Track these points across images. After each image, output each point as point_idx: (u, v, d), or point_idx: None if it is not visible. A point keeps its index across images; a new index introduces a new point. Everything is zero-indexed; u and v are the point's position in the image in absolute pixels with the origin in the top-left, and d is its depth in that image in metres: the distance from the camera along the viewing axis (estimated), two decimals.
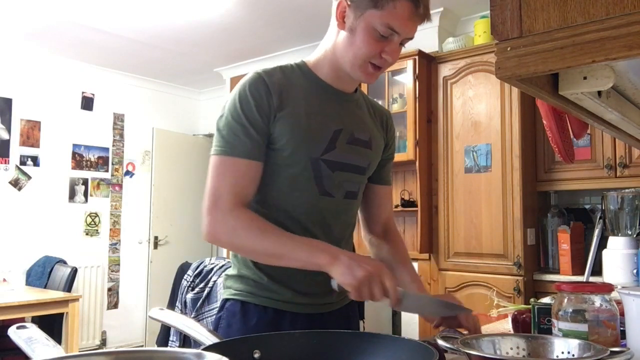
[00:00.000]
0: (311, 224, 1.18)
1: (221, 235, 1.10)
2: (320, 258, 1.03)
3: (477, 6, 3.63)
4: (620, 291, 0.93)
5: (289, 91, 1.15)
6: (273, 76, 1.15)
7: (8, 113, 4.52)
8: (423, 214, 3.44)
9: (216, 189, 1.10)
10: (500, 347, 0.89)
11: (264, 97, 1.12)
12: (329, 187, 1.18)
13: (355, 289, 0.98)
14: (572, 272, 2.95)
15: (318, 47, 1.23)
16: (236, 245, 1.13)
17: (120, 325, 5.12)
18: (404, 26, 1.09)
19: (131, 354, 0.71)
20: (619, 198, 2.26)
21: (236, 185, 1.10)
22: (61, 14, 3.80)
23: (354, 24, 1.11)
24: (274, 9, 3.68)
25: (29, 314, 3.59)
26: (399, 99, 3.69)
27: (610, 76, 0.84)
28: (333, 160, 1.18)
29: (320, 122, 1.17)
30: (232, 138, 1.11)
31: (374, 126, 1.29)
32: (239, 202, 1.10)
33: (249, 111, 1.11)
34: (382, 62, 1.14)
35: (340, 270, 1.00)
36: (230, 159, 1.11)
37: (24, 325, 0.86)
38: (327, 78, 1.21)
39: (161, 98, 5.62)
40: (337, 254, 1.03)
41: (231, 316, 1.19)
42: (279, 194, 1.17)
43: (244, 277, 1.20)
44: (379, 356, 0.88)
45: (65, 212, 4.83)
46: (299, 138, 1.14)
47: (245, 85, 1.14)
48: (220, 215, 1.09)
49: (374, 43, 1.10)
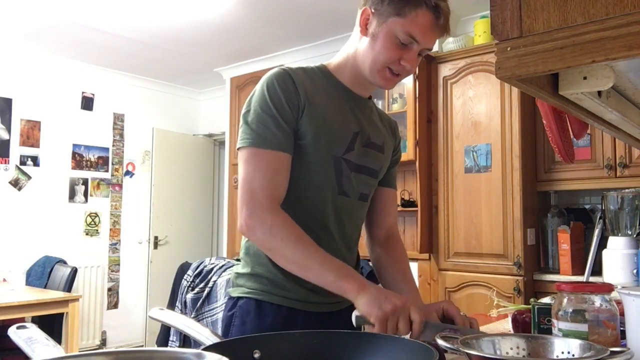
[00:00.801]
0: (329, 221, 1.20)
1: (258, 231, 1.10)
2: (349, 284, 1.04)
3: (477, 6, 3.63)
4: (620, 291, 0.93)
5: (312, 90, 1.18)
6: (297, 73, 1.18)
7: (8, 113, 4.52)
8: (423, 214, 3.44)
9: (251, 182, 1.11)
10: (500, 347, 0.89)
11: (293, 90, 1.14)
12: (347, 187, 1.21)
13: (381, 321, 0.97)
14: (572, 272, 2.95)
15: (339, 52, 1.27)
16: (267, 245, 1.12)
17: (120, 325, 5.12)
18: (423, 35, 1.13)
19: (131, 354, 0.71)
20: (619, 198, 2.26)
21: (271, 180, 1.11)
22: (61, 14, 3.80)
23: (376, 31, 1.15)
24: (274, 9, 3.68)
25: (29, 314, 3.59)
26: (399, 99, 3.69)
27: (610, 76, 0.84)
28: (352, 161, 1.21)
29: (342, 122, 1.20)
30: (263, 130, 1.12)
31: (385, 133, 1.33)
32: (275, 198, 1.11)
33: (278, 103, 1.13)
34: (400, 69, 1.17)
35: (366, 299, 1.00)
36: (262, 151, 1.12)
37: (24, 325, 0.86)
38: (346, 82, 1.24)
39: (161, 98, 5.62)
40: (365, 284, 1.03)
41: (245, 314, 1.19)
42: (301, 190, 1.18)
43: (257, 275, 1.20)
44: (379, 356, 0.88)
45: (65, 212, 4.83)
46: (324, 135, 1.16)
47: (272, 78, 1.15)
48: (258, 210, 1.10)
49: (394, 49, 1.14)
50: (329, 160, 1.17)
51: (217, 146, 5.88)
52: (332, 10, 3.60)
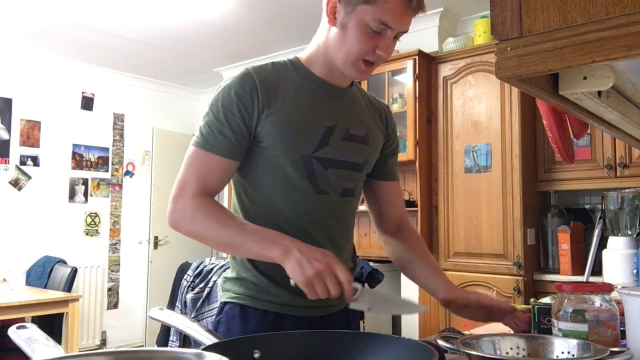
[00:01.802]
0: (308, 224, 1.15)
1: (180, 221, 1.10)
2: (272, 251, 1.00)
3: (477, 6, 3.62)
4: (620, 291, 0.93)
5: (279, 87, 1.13)
6: (262, 72, 1.13)
7: (8, 113, 4.52)
8: (423, 214, 3.44)
9: (183, 178, 1.11)
10: (500, 347, 0.89)
11: (248, 95, 1.10)
12: (324, 185, 1.15)
13: (307, 286, 0.94)
14: (572, 272, 2.95)
15: (311, 42, 1.21)
16: (193, 233, 1.10)
17: (120, 325, 5.12)
18: (397, 20, 1.05)
19: (131, 354, 0.71)
20: (619, 198, 2.26)
21: (201, 177, 1.10)
22: (61, 14, 3.80)
23: (345, 20, 1.08)
24: (274, 9, 3.68)
25: (29, 314, 3.59)
26: (399, 99, 3.69)
27: (610, 76, 0.84)
28: (326, 157, 1.15)
29: (312, 118, 1.14)
30: (207, 132, 1.12)
31: (372, 121, 1.26)
32: (202, 191, 1.10)
33: (228, 108, 1.10)
34: (376, 58, 1.10)
35: (291, 266, 0.97)
36: (202, 152, 1.12)
37: (24, 325, 0.86)
38: (320, 73, 1.18)
39: (161, 98, 5.62)
40: (289, 248, 0.99)
41: (230, 320, 1.17)
42: (274, 193, 1.15)
43: (243, 279, 1.18)
44: (379, 356, 0.88)
45: (65, 212, 4.83)
46: (288, 136, 1.11)
47: (231, 82, 1.12)
48: (182, 203, 1.09)
49: (366, 39, 1.07)
50: (297, 161, 1.12)
51: None
52: None
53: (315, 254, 0.98)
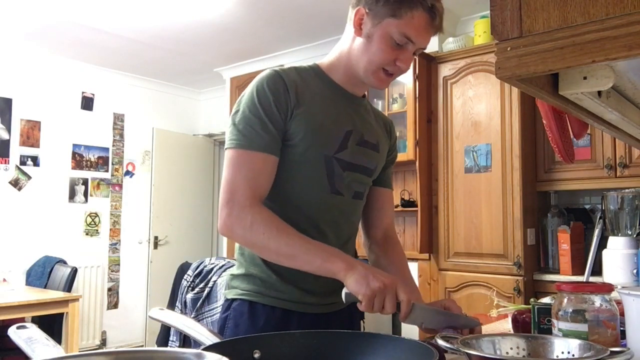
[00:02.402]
0: (322, 222, 1.19)
1: (237, 229, 1.10)
2: (336, 264, 1.03)
3: (477, 6, 3.62)
4: (620, 291, 0.93)
5: (304, 90, 1.18)
6: (289, 74, 1.18)
7: (8, 113, 4.52)
8: (423, 214, 3.44)
9: (232, 183, 1.11)
10: (500, 347, 0.89)
11: (282, 92, 1.14)
12: (340, 186, 1.20)
13: (369, 299, 0.97)
14: (572, 272, 2.95)
15: (332, 51, 1.27)
16: (250, 241, 1.12)
17: (120, 325, 5.12)
18: (419, 36, 1.13)
19: (131, 354, 0.71)
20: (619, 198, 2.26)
21: (253, 180, 1.11)
22: (61, 14, 3.80)
23: (371, 31, 1.14)
24: (274, 9, 3.68)
25: (29, 314, 3.59)
26: (399, 99, 3.69)
27: (610, 76, 0.84)
28: (345, 159, 1.20)
29: (334, 121, 1.20)
30: (249, 132, 1.12)
31: (380, 132, 1.33)
32: (256, 197, 1.11)
33: (267, 105, 1.13)
34: (395, 70, 1.17)
35: (354, 278, 0.99)
36: (247, 153, 1.12)
37: (24, 325, 0.86)
38: (340, 81, 1.24)
39: (161, 98, 5.62)
40: (353, 263, 1.03)
41: (239, 316, 1.19)
42: (292, 190, 1.18)
43: (251, 275, 1.20)
44: (379, 356, 0.88)
45: (65, 212, 4.83)
46: (314, 135, 1.16)
47: (262, 80, 1.15)
48: (237, 210, 1.09)
49: (389, 50, 1.14)
50: (320, 160, 1.17)
51: (217, 146, 5.88)
52: (332, 10, 3.60)
53: (380, 272, 1.03)
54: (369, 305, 0.97)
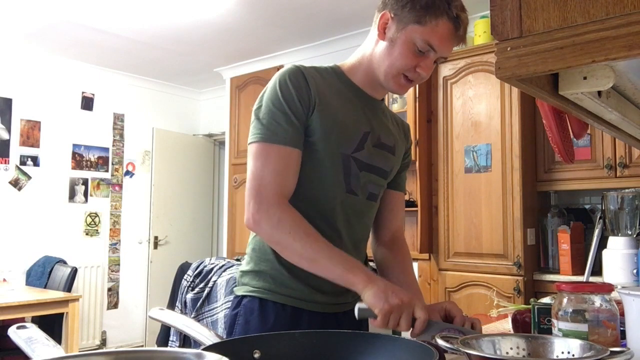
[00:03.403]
0: (337, 220, 1.20)
1: (264, 225, 1.10)
2: (357, 276, 1.03)
3: (477, 6, 3.62)
4: (620, 291, 0.93)
5: (324, 88, 1.18)
6: (310, 71, 1.19)
7: (8, 113, 4.52)
8: (423, 214, 3.44)
9: (260, 177, 1.11)
10: (500, 347, 0.89)
11: (304, 87, 1.15)
12: (355, 185, 1.21)
13: (385, 314, 0.97)
14: (572, 272, 2.95)
15: (354, 53, 1.27)
16: (275, 239, 1.12)
17: (120, 325, 5.12)
18: (442, 45, 1.14)
19: (131, 354, 0.71)
20: (619, 198, 2.26)
21: (279, 174, 1.11)
22: (61, 14, 3.80)
23: (394, 36, 1.15)
24: (274, 9, 3.68)
25: (29, 314, 3.59)
26: (399, 99, 3.69)
27: (610, 76, 0.84)
28: (361, 160, 1.21)
29: (352, 121, 1.20)
30: (274, 125, 1.12)
31: (397, 135, 1.34)
32: (284, 194, 1.12)
33: (290, 99, 1.13)
34: (415, 76, 1.18)
35: (373, 292, 0.99)
36: (272, 146, 1.12)
37: (24, 325, 0.86)
38: (359, 83, 1.24)
39: (161, 98, 5.62)
40: (373, 277, 1.03)
41: (249, 313, 1.19)
42: (308, 186, 1.18)
43: (262, 272, 1.20)
44: (379, 356, 0.88)
45: (65, 212, 4.83)
46: (333, 133, 1.16)
47: (285, 74, 1.16)
48: (265, 205, 1.10)
49: (411, 56, 1.14)
50: (337, 158, 1.17)
51: (217, 146, 5.88)
52: (332, 10, 3.60)
53: (400, 289, 1.03)
54: (384, 321, 0.97)
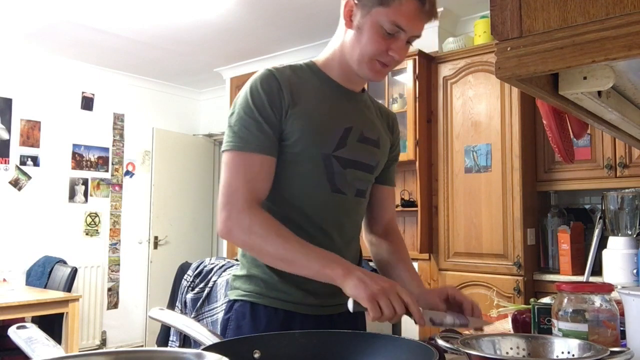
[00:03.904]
0: (325, 222, 1.18)
1: (235, 232, 1.09)
2: (334, 270, 1.01)
3: (477, 6, 3.63)
4: (620, 291, 0.93)
5: (299, 88, 1.16)
6: (284, 73, 1.17)
7: (8, 113, 4.52)
8: (423, 214, 3.44)
9: (230, 185, 1.10)
10: (500, 347, 0.89)
11: (276, 92, 1.13)
12: (341, 184, 1.19)
13: (371, 301, 0.94)
14: (572, 272, 2.95)
15: (327, 47, 1.25)
16: (248, 244, 1.11)
17: (120, 325, 5.12)
18: (410, 23, 1.10)
19: (131, 354, 0.71)
20: (619, 198, 2.26)
21: (251, 182, 1.10)
22: (61, 14, 3.80)
23: (361, 22, 1.12)
24: (274, 9, 3.68)
25: (29, 314, 3.59)
26: (399, 99, 3.69)
27: (610, 76, 0.84)
28: (344, 157, 1.19)
29: (331, 119, 1.18)
30: (245, 133, 1.11)
31: (381, 127, 1.31)
32: (254, 200, 1.10)
33: (261, 106, 1.12)
34: (389, 60, 1.14)
35: (353, 283, 0.97)
36: (243, 154, 1.11)
37: (24, 325, 0.86)
38: (336, 77, 1.22)
39: (161, 98, 5.62)
40: (351, 268, 1.01)
41: (241, 318, 1.18)
42: (292, 191, 1.17)
43: (253, 276, 1.19)
44: (379, 356, 0.88)
45: (65, 212, 4.83)
46: (311, 134, 1.15)
47: (256, 81, 1.15)
48: (235, 212, 1.08)
49: (380, 40, 1.11)
50: (318, 159, 1.16)
51: (217, 146, 5.88)
52: (332, 10, 3.59)
53: (379, 277, 1.01)
54: (374, 308, 0.94)
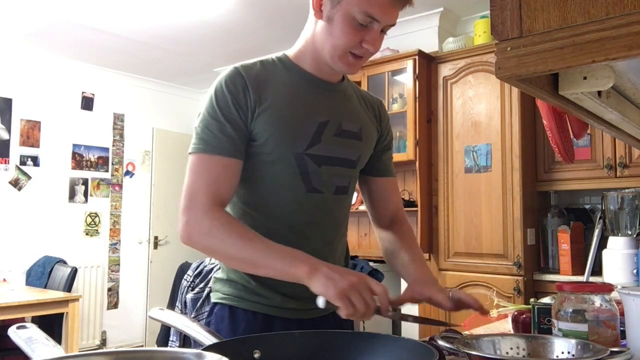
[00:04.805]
0: (302, 224, 1.14)
1: (195, 236, 1.04)
2: (298, 268, 0.95)
3: (477, 6, 3.62)
4: (620, 291, 0.93)
5: (268, 85, 1.11)
6: (251, 70, 1.12)
7: (8, 113, 4.52)
8: (423, 214, 3.44)
9: (191, 189, 1.05)
10: (500, 347, 0.89)
11: (241, 91, 1.08)
12: (317, 183, 1.13)
13: (341, 298, 0.89)
14: (572, 272, 2.95)
15: (299, 38, 1.19)
16: (210, 249, 1.06)
17: (120, 325, 5.12)
18: (383, 13, 1.03)
19: (131, 354, 0.71)
20: (619, 198, 2.26)
21: (212, 185, 1.05)
22: (61, 14, 3.79)
23: (331, 13, 1.05)
24: (274, 9, 3.68)
25: (29, 314, 3.59)
26: (399, 99, 3.69)
27: (610, 76, 0.84)
28: (319, 154, 1.13)
29: (303, 115, 1.12)
30: (208, 135, 1.07)
31: (365, 116, 1.24)
32: (216, 202, 1.04)
33: (225, 107, 1.07)
34: (363, 52, 1.08)
35: (320, 281, 0.92)
36: (205, 157, 1.06)
37: (24, 325, 0.86)
38: (310, 69, 1.16)
39: (161, 98, 5.62)
40: (316, 265, 0.95)
41: (219, 321, 1.14)
42: (265, 193, 1.12)
43: (232, 280, 1.16)
44: (379, 356, 0.88)
45: (65, 212, 4.83)
46: (280, 133, 1.09)
47: (221, 80, 1.10)
48: (194, 216, 1.03)
49: (353, 32, 1.05)
50: (289, 159, 1.10)
51: None
52: None
53: (345, 270, 0.97)
54: (345, 305, 0.89)
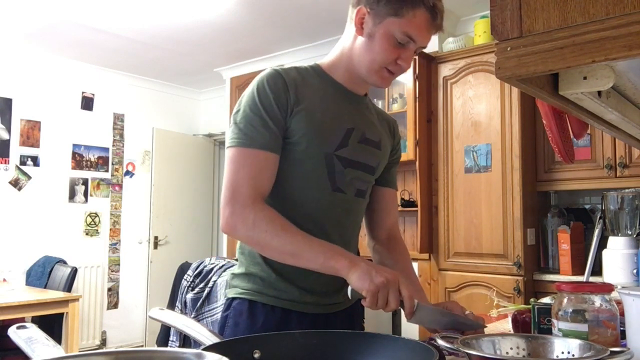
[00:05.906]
0: (325, 220, 1.20)
1: (240, 228, 1.10)
2: (338, 262, 1.04)
3: (477, 6, 3.62)
4: (620, 291, 0.93)
5: (304, 89, 1.18)
6: (289, 73, 1.19)
7: (8, 113, 4.52)
8: (423, 214, 3.44)
9: (235, 181, 1.11)
10: (500, 347, 0.89)
11: (282, 91, 1.15)
12: (341, 183, 1.20)
13: (372, 294, 0.98)
14: (572, 272, 2.95)
15: (332, 50, 1.27)
16: (254, 240, 1.12)
17: (120, 325, 5.12)
18: (420, 35, 1.14)
19: (131, 354, 0.71)
20: (619, 198, 2.26)
21: (255, 178, 1.11)
22: (61, 14, 3.80)
23: (372, 30, 1.15)
24: (274, 9, 3.68)
25: (29, 314, 3.59)
26: (399, 99, 3.69)
27: (610, 76, 0.84)
28: (345, 157, 1.20)
29: (333, 119, 1.20)
30: (250, 130, 1.13)
31: (382, 130, 1.33)
32: (258, 195, 1.11)
33: (267, 104, 1.13)
34: (396, 69, 1.18)
35: (357, 274, 1.00)
36: (248, 151, 1.12)
37: (24, 325, 0.86)
38: (341, 80, 1.25)
39: (161, 98, 5.62)
40: (356, 260, 1.04)
41: (238, 315, 1.19)
42: (293, 189, 1.18)
43: (251, 274, 1.20)
44: (379, 356, 0.88)
45: (65, 212, 4.83)
46: (314, 133, 1.16)
47: (263, 79, 1.16)
48: (239, 208, 1.10)
49: (391, 49, 1.15)
50: (320, 157, 1.17)
51: (217, 146, 5.88)
52: (332, 10, 3.60)
53: (383, 268, 1.04)
54: (373, 301, 0.98)
